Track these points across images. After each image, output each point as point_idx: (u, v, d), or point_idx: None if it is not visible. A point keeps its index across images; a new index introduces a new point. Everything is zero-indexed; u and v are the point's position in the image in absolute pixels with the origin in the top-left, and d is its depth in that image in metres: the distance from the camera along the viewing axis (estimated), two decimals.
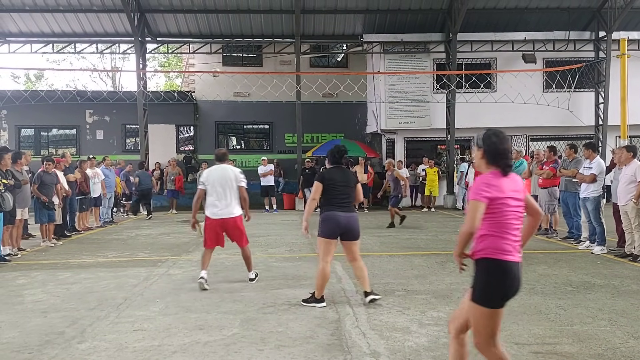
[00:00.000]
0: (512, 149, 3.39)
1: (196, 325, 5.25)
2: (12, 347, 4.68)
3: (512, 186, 3.25)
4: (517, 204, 3.25)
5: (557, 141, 18.50)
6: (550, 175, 10.80)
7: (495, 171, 3.28)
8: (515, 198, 3.25)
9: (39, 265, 8.64)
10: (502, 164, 3.26)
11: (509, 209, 3.21)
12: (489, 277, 3.22)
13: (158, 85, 40.18)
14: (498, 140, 3.29)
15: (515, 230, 3.24)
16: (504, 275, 3.20)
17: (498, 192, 3.19)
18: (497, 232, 3.21)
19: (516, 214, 3.24)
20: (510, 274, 3.20)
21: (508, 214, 3.21)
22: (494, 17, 19.59)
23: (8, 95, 18.59)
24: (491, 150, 3.29)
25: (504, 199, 3.19)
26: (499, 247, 3.20)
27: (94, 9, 18.94)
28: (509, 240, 3.22)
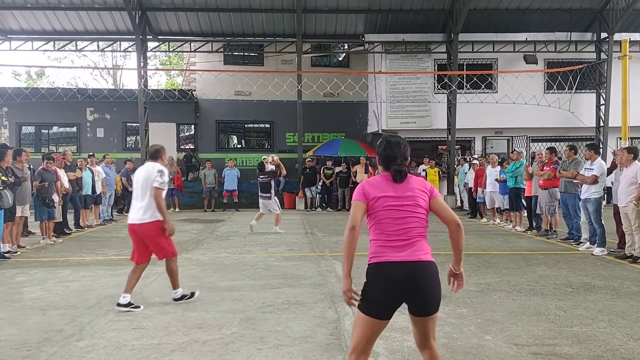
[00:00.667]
0: (403, 155, 3.28)
1: (195, 324, 5.24)
2: (10, 345, 4.67)
3: (400, 191, 3.17)
4: (398, 204, 3.14)
5: (557, 142, 18.47)
6: (550, 176, 10.80)
7: (385, 174, 3.26)
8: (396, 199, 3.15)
9: (38, 263, 8.64)
10: (392, 170, 3.22)
11: (386, 209, 3.13)
12: (365, 281, 3.14)
13: (159, 83, 40.20)
14: (389, 146, 3.30)
15: (395, 232, 3.12)
16: (374, 278, 3.10)
17: (378, 192, 3.15)
18: (376, 236, 3.17)
19: (396, 213, 3.13)
20: (377, 275, 3.09)
21: (385, 213, 3.13)
22: (496, 18, 19.57)
23: (9, 92, 18.58)
24: (382, 156, 3.31)
25: (381, 199, 3.14)
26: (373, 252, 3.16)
27: (96, 7, 18.94)
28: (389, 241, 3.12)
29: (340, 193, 18.73)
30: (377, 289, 3.07)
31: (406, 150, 3.33)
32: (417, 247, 3.12)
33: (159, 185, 5.88)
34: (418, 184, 3.25)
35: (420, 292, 3.07)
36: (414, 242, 3.12)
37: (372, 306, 3.09)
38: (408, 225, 3.13)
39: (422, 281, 3.07)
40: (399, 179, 3.20)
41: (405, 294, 3.07)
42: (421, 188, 3.23)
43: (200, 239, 11.41)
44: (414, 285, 3.05)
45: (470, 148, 20.49)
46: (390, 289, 3.05)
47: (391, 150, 3.29)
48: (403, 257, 3.07)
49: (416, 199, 3.17)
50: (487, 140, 20.52)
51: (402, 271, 3.04)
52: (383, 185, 3.20)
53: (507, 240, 10.99)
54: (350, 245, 3.11)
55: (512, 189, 12.44)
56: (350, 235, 3.10)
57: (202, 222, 14.70)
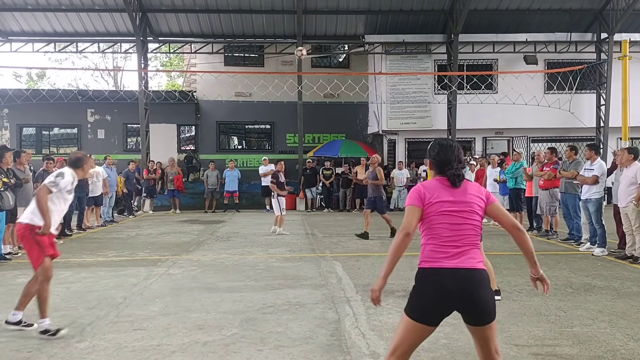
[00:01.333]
0: (457, 159, 3.19)
1: (195, 325, 5.25)
2: (11, 346, 4.68)
3: (457, 195, 3.11)
4: (454, 210, 3.07)
5: (558, 143, 18.47)
6: (551, 176, 10.80)
7: (441, 178, 3.19)
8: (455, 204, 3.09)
9: None
10: (449, 174, 3.15)
11: (441, 214, 3.07)
12: (415, 285, 3.11)
13: (159, 84, 40.23)
14: (443, 150, 3.23)
15: (450, 238, 3.05)
16: (425, 283, 3.05)
17: (433, 198, 3.10)
18: (428, 240, 3.11)
19: (452, 218, 3.07)
20: (428, 282, 3.03)
21: (440, 219, 3.07)
22: (496, 19, 19.58)
23: (10, 94, 18.61)
24: (437, 160, 3.23)
25: (437, 204, 3.08)
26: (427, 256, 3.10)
27: (96, 8, 18.96)
28: (442, 246, 3.05)
29: (342, 194, 18.73)
30: (427, 295, 3.00)
31: (460, 153, 3.23)
32: (471, 255, 3.04)
33: (47, 183, 5.18)
34: (474, 190, 3.19)
35: (474, 300, 2.96)
36: (468, 249, 3.05)
37: (420, 311, 3.02)
38: (463, 232, 3.06)
39: (475, 289, 2.97)
40: (457, 183, 3.13)
41: (458, 302, 2.97)
42: (477, 194, 3.16)
43: (201, 240, 11.42)
44: (467, 293, 2.95)
45: (471, 149, 20.49)
46: (442, 295, 2.97)
47: (445, 154, 3.20)
48: (457, 264, 2.99)
49: (472, 205, 3.11)
50: (487, 140, 20.53)
51: (456, 279, 2.96)
52: (439, 189, 3.13)
53: (508, 241, 10.98)
54: (397, 251, 3.06)
55: (512, 190, 12.45)
56: (401, 241, 3.05)
57: (202, 223, 14.71)
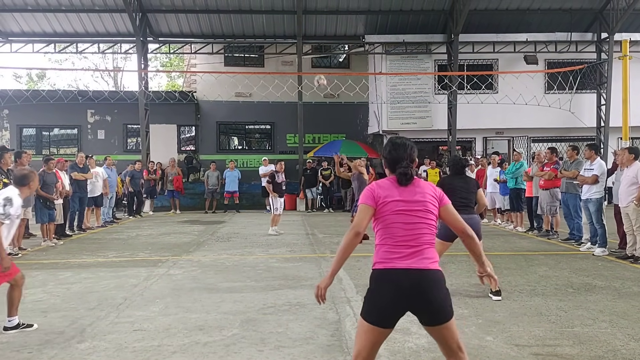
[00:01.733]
0: (409, 157, 3.15)
1: (196, 325, 5.24)
2: (12, 347, 4.68)
3: (411, 195, 3.07)
4: (408, 209, 3.03)
5: (558, 142, 18.49)
6: (551, 176, 10.80)
7: (393, 177, 3.16)
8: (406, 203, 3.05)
9: (39, 265, 8.64)
10: (397, 172, 3.12)
11: (395, 214, 3.03)
12: (369, 287, 3.05)
13: (160, 85, 40.22)
14: (395, 148, 3.20)
15: (404, 238, 3.00)
16: (379, 284, 2.98)
17: (386, 194, 3.07)
18: (382, 241, 3.06)
19: (406, 217, 3.02)
20: (382, 281, 2.97)
21: (393, 218, 3.03)
22: (496, 18, 19.57)
23: (10, 94, 18.61)
24: (388, 158, 3.22)
25: (390, 203, 3.04)
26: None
27: (96, 9, 18.96)
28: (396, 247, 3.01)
29: (343, 194, 18.73)
30: (382, 296, 2.96)
31: (413, 151, 3.19)
32: (426, 255, 3.00)
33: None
34: (428, 189, 3.13)
35: (428, 300, 2.93)
36: (423, 249, 3.00)
37: (376, 314, 2.97)
38: (417, 231, 3.02)
39: (428, 289, 2.93)
40: (404, 182, 3.09)
41: (411, 302, 2.94)
42: (431, 193, 3.11)
43: (201, 240, 11.42)
44: (421, 294, 2.92)
45: (471, 148, 20.49)
46: (396, 296, 2.93)
47: (396, 152, 3.18)
48: (410, 265, 2.95)
49: (426, 205, 3.06)
50: (487, 140, 20.53)
51: (409, 279, 2.93)
52: (392, 188, 3.10)
53: (508, 241, 10.99)
54: (347, 249, 3.03)
55: (513, 190, 12.45)
56: (351, 240, 3.03)
57: (203, 224, 14.71)
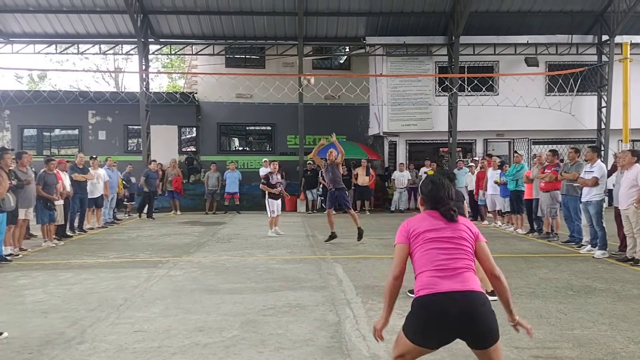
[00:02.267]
0: (449, 195, 3.16)
1: (196, 326, 5.25)
2: (12, 348, 4.68)
3: (446, 224, 3.07)
4: (444, 237, 3.03)
5: (559, 145, 18.47)
6: (552, 178, 10.80)
7: (431, 212, 3.16)
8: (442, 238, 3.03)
9: (40, 266, 8.66)
10: (442, 210, 3.11)
11: (431, 246, 3.01)
12: (412, 310, 3.02)
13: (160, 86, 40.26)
14: (434, 187, 3.20)
15: (444, 261, 2.96)
16: (423, 308, 2.93)
17: (419, 228, 3.08)
18: (422, 268, 3.03)
19: (442, 243, 3.01)
20: (427, 309, 2.92)
21: (430, 250, 3.01)
22: (497, 20, 19.59)
23: (11, 95, 18.64)
24: (429, 197, 3.21)
25: (423, 233, 3.05)
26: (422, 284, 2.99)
27: (97, 10, 19.00)
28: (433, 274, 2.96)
29: None
30: (424, 319, 2.90)
31: (451, 190, 3.20)
32: (468, 278, 2.93)
33: None
34: (465, 222, 3.15)
35: (475, 323, 2.83)
36: (464, 272, 2.94)
37: (418, 334, 2.93)
38: (456, 255, 2.98)
39: (475, 311, 2.83)
40: (450, 219, 3.08)
41: (459, 326, 2.83)
42: (468, 227, 3.11)
43: (202, 241, 11.42)
44: (468, 315, 2.83)
45: (472, 150, 20.49)
46: (441, 319, 2.84)
47: (437, 191, 3.16)
48: (453, 287, 2.87)
49: (462, 233, 3.05)
50: (488, 142, 20.54)
51: (455, 301, 2.84)
52: (425, 220, 3.12)
53: (509, 243, 10.99)
54: (392, 295, 3.09)
55: (513, 192, 12.45)
56: (392, 285, 3.09)
57: (203, 225, 14.72)
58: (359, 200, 18.27)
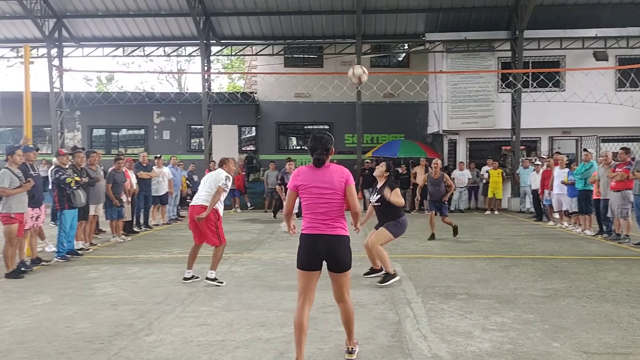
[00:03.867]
0: (325, 146, 4.25)
1: (257, 321, 5.34)
2: (84, 337, 4.91)
3: (323, 178, 4.19)
4: (321, 192, 4.17)
5: (630, 142, 17.61)
6: (623, 177, 10.30)
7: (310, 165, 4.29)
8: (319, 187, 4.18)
9: (109, 260, 9.03)
10: (314, 158, 4.24)
11: (312, 195, 4.19)
12: (299, 245, 4.26)
13: (221, 87, 41.10)
14: (311, 138, 4.32)
15: (318, 212, 4.18)
16: (305, 243, 4.21)
17: (303, 181, 4.22)
18: (306, 214, 4.25)
19: (320, 199, 4.17)
20: (311, 243, 4.17)
21: (311, 200, 4.20)
22: (563, 13, 18.86)
23: (82, 97, 19.51)
24: (308, 148, 4.31)
25: (309, 188, 4.19)
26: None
27: (162, 13, 19.60)
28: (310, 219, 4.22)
29: (402, 194, 18.53)
30: (306, 251, 4.18)
31: (327, 142, 4.27)
32: (335, 224, 4.17)
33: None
34: (337, 172, 4.23)
35: (335, 256, 4.14)
36: (332, 220, 4.17)
37: (303, 263, 4.17)
38: (328, 207, 4.17)
39: (336, 249, 4.15)
40: (318, 165, 4.23)
41: (325, 256, 4.14)
42: (339, 176, 4.22)
43: (261, 238, 11.59)
44: (331, 250, 4.13)
45: (536, 149, 19.83)
46: (315, 252, 4.13)
47: (313, 143, 4.27)
48: (325, 231, 4.15)
49: (334, 186, 4.18)
50: (554, 140, 19.82)
51: (324, 241, 4.14)
52: (309, 173, 4.24)
53: (576, 245, 10.57)
54: (288, 216, 4.55)
55: (581, 192, 11.94)
56: (287, 218, 4.58)
57: (262, 222, 14.93)
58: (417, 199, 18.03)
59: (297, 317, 4.10)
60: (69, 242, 9.16)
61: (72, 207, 9.03)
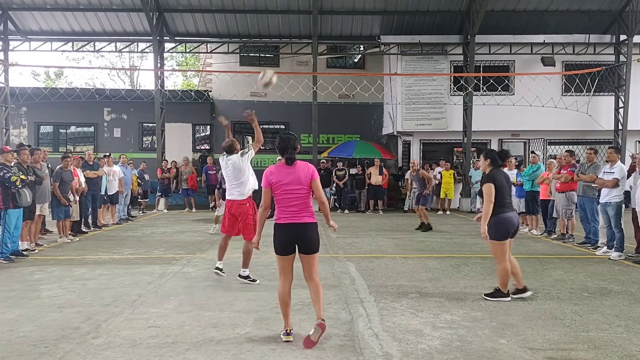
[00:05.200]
0: (293, 146, 4.76)
1: (209, 323, 5.27)
2: (28, 341, 4.74)
3: (292, 175, 4.68)
4: (291, 188, 4.67)
5: (575, 145, 18.29)
6: (568, 179, 10.68)
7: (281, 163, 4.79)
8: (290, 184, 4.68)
9: (55, 261, 8.75)
10: (285, 157, 4.75)
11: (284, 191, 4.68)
12: (274, 233, 4.77)
13: (175, 84, 40.47)
14: (279, 139, 4.82)
15: (290, 205, 4.68)
16: (279, 232, 4.74)
17: (276, 179, 4.69)
18: (278, 207, 4.75)
19: (289, 194, 4.67)
20: (284, 231, 4.71)
21: (282, 196, 4.69)
22: (513, 20, 19.43)
23: (28, 92, 18.84)
24: (278, 148, 4.80)
25: (280, 185, 4.68)
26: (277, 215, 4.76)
27: (114, 8, 19.14)
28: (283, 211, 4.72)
29: (357, 194, 18.72)
30: (280, 238, 4.72)
31: (295, 142, 4.78)
32: (303, 214, 4.69)
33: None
34: (304, 168, 4.73)
35: (305, 240, 4.70)
36: (301, 210, 4.68)
37: (278, 248, 4.72)
38: (297, 200, 4.67)
39: (305, 233, 4.69)
40: (290, 163, 4.71)
41: (297, 241, 4.69)
42: (306, 172, 4.71)
43: (215, 239, 11.44)
44: (302, 235, 4.68)
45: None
46: (288, 238, 4.68)
47: (283, 143, 4.78)
48: (295, 220, 4.68)
49: (302, 181, 4.67)
50: (503, 142, 20.39)
51: (295, 229, 4.68)
52: (281, 171, 4.72)
53: (523, 244, 10.89)
54: (262, 219, 4.88)
55: (529, 192, 12.33)
56: (262, 214, 4.87)
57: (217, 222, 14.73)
58: (372, 199, 18.23)
59: (280, 293, 4.73)
60: (13, 243, 8.83)
61: (17, 207, 8.71)
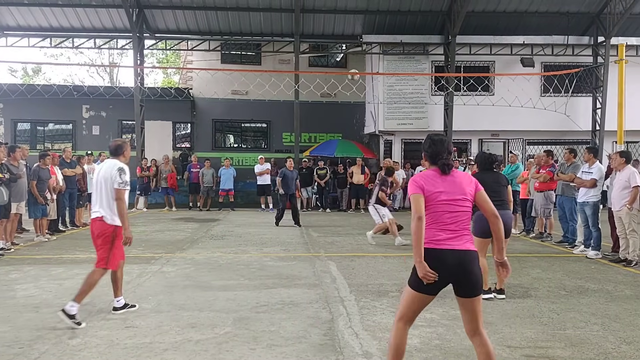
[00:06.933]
0: (449, 150, 3.68)
1: (188, 323, 5.23)
2: (3, 342, 4.65)
3: (451, 185, 3.57)
4: (449, 200, 3.52)
5: (554, 145, 18.53)
6: (547, 179, 10.82)
7: (435, 169, 3.65)
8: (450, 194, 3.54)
9: (32, 260, 8.60)
10: (440, 164, 3.61)
11: (441, 203, 3.51)
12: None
13: (155, 81, 40.09)
14: (434, 144, 3.68)
15: (450, 223, 3.50)
16: (428, 260, 3.43)
17: (432, 187, 3.54)
18: (431, 223, 3.52)
19: (449, 207, 3.51)
20: (436, 260, 3.43)
21: (439, 207, 3.51)
22: (494, 20, 19.60)
23: (4, 89, 18.51)
24: (430, 153, 3.68)
25: (436, 194, 3.52)
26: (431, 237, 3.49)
27: (93, 4, 18.87)
28: (442, 230, 3.49)
29: (339, 193, 18.75)
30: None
31: (449, 145, 3.70)
32: (465, 238, 3.51)
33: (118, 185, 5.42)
34: (465, 179, 3.66)
35: (468, 275, 3.42)
36: (462, 232, 3.51)
37: (421, 284, 3.46)
38: (458, 217, 3.52)
39: (469, 266, 3.43)
40: (447, 171, 3.60)
41: (455, 276, 3.43)
42: (468, 182, 3.64)
43: (195, 238, 11.39)
44: (463, 269, 3.42)
45: (467, 150, 20.51)
46: (441, 270, 3.40)
47: (436, 147, 3.66)
48: (454, 246, 3.45)
49: (465, 193, 3.57)
50: (483, 142, 20.57)
51: (454, 257, 3.43)
52: (434, 179, 3.58)
53: None
54: (419, 234, 3.43)
55: None
56: (418, 225, 3.44)
57: (197, 221, 14.67)
58: (354, 198, 18.27)
59: (397, 342, 3.64)
60: None
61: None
